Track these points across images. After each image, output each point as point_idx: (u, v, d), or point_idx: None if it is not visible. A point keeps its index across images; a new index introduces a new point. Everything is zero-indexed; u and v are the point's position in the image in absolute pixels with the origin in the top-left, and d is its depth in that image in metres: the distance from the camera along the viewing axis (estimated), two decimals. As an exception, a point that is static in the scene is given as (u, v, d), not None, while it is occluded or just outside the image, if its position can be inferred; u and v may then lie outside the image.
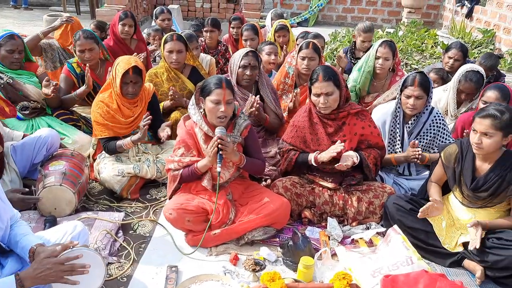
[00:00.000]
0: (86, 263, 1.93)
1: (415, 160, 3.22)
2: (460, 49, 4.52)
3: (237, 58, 3.63)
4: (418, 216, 2.78)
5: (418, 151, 3.18)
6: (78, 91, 3.90)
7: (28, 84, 3.76)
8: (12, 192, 2.72)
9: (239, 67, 3.61)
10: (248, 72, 3.61)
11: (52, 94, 3.60)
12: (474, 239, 2.58)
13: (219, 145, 2.72)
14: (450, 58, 4.53)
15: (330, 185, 3.15)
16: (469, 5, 9.10)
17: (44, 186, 2.88)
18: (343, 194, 3.13)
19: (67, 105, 3.97)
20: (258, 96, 3.57)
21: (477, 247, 2.57)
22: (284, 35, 5.41)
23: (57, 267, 1.87)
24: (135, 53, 4.60)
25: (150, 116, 3.30)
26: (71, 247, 1.97)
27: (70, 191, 2.91)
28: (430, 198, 2.85)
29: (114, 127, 3.39)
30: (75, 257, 1.91)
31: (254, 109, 3.48)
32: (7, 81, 3.65)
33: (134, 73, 3.29)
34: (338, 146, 2.97)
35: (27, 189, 2.92)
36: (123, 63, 3.31)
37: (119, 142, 3.37)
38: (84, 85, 3.83)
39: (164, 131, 3.40)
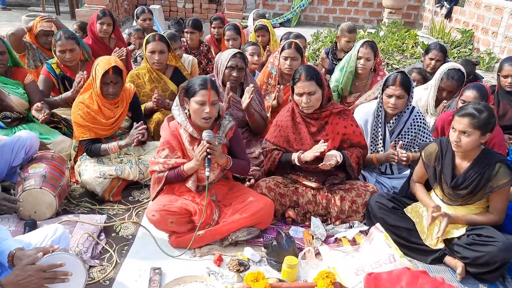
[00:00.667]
0: (69, 271, 1.91)
1: (401, 162, 3.23)
2: (440, 49, 4.58)
3: (224, 59, 3.62)
4: (427, 226, 2.78)
5: (403, 153, 3.20)
6: (64, 95, 3.82)
7: (13, 95, 3.58)
8: None
9: (226, 68, 3.60)
10: (234, 74, 3.61)
11: (40, 120, 3.45)
12: (437, 231, 2.63)
13: (208, 149, 2.71)
14: (431, 59, 4.57)
15: (313, 184, 3.16)
16: (448, 6, 9.26)
17: (23, 189, 2.83)
18: (326, 193, 3.15)
19: (50, 108, 3.89)
20: (252, 85, 3.56)
21: (439, 235, 2.63)
22: (264, 34, 5.42)
23: (39, 275, 1.85)
24: (115, 48, 4.55)
25: (144, 126, 3.25)
26: (51, 251, 1.94)
27: (50, 194, 2.86)
28: (425, 203, 2.87)
29: (95, 129, 3.34)
30: (59, 265, 1.89)
31: (252, 95, 3.46)
32: None
33: (114, 73, 3.26)
34: (321, 146, 2.99)
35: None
36: (102, 63, 3.27)
37: (104, 146, 3.33)
38: (72, 89, 3.75)
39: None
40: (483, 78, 5.47)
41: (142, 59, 4.19)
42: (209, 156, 2.74)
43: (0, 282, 1.81)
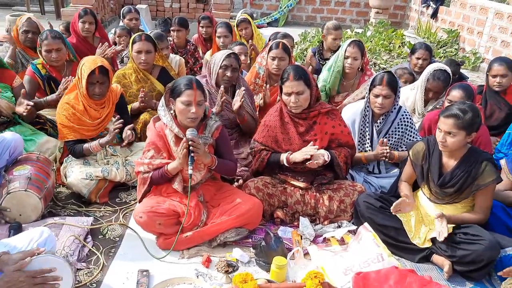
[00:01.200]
0: (59, 276, 1.90)
1: (384, 158, 3.27)
2: (426, 48, 4.63)
3: (218, 59, 3.60)
4: (391, 211, 2.82)
5: (386, 149, 3.24)
6: (49, 98, 3.76)
7: (1, 99, 3.50)
8: None
9: (220, 68, 3.58)
10: (229, 74, 3.59)
11: (25, 113, 3.41)
12: (441, 230, 2.64)
13: (191, 147, 2.69)
14: (418, 59, 4.62)
15: (301, 184, 3.16)
16: (434, 6, 9.35)
17: (8, 191, 2.78)
18: (315, 193, 3.15)
19: (35, 110, 3.83)
20: (243, 88, 3.55)
21: (445, 236, 2.62)
22: (246, 27, 5.43)
23: (30, 281, 1.83)
24: (99, 45, 4.50)
25: (121, 120, 3.23)
26: (36, 254, 1.92)
27: (35, 196, 2.82)
28: (401, 194, 2.90)
29: (80, 129, 3.31)
30: (49, 270, 1.87)
31: (242, 99, 3.47)
32: None
33: (100, 73, 3.23)
34: (311, 149, 2.99)
35: None
36: (88, 63, 3.24)
37: (86, 145, 3.29)
38: (57, 92, 3.70)
39: (125, 133, 3.31)
40: (468, 78, 5.53)
41: (129, 59, 4.16)
42: (192, 154, 2.72)
43: None
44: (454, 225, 2.75)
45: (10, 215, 2.80)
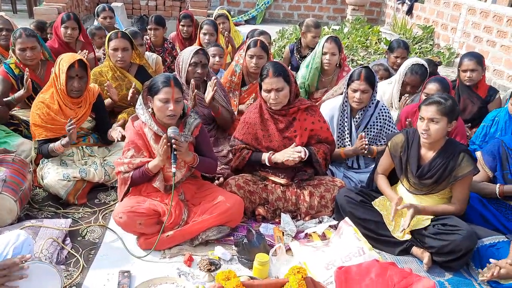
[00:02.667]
0: (25, 265, 1.87)
1: (363, 151, 3.30)
2: (404, 47, 4.75)
3: (186, 56, 3.57)
4: (391, 219, 2.82)
5: (365, 142, 3.27)
6: (16, 95, 3.67)
7: None
8: None
9: (189, 65, 3.55)
10: (199, 70, 3.57)
11: None
12: (405, 220, 2.68)
13: (174, 145, 2.67)
14: (396, 57, 4.73)
15: (282, 181, 3.17)
16: (409, 2, 9.47)
17: (-18, 194, 2.71)
18: (296, 190, 3.16)
19: (8, 109, 3.74)
20: (214, 77, 3.53)
21: (405, 227, 2.68)
22: (224, 21, 5.42)
23: None
24: (79, 51, 4.42)
25: (73, 121, 3.13)
26: (24, 261, 1.88)
27: (11, 199, 2.75)
28: (388, 195, 2.93)
29: (53, 129, 3.24)
30: (11, 264, 1.83)
31: (213, 92, 3.45)
32: None
33: (80, 67, 3.19)
34: (294, 151, 3.00)
35: None
36: (67, 57, 3.21)
37: (50, 146, 3.22)
38: (23, 88, 3.62)
39: (116, 131, 3.28)
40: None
41: (105, 58, 4.10)
42: (175, 152, 2.70)
43: None
44: (432, 217, 2.80)
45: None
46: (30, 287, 1.90)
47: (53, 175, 3.17)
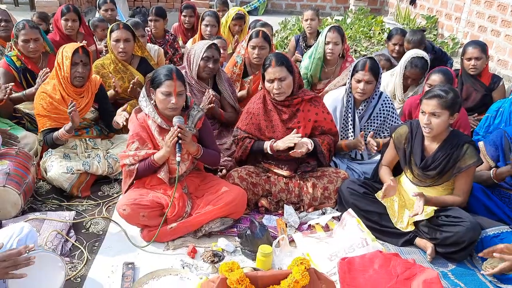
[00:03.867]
0: (30, 256, 1.87)
1: (372, 150, 3.25)
2: (401, 34, 4.79)
3: (198, 50, 3.55)
4: (380, 199, 2.85)
5: (373, 143, 3.20)
6: (28, 91, 3.65)
7: None
8: None
9: (201, 59, 3.53)
10: (210, 65, 3.56)
11: (4, 99, 3.28)
12: (416, 208, 2.68)
13: (179, 134, 2.67)
14: (394, 45, 4.80)
15: (285, 172, 3.17)
16: (412, -8, 9.37)
17: (-14, 187, 2.72)
18: (298, 181, 3.16)
19: (13, 104, 3.74)
20: (212, 91, 3.53)
21: (419, 213, 2.66)
22: (241, 24, 5.36)
23: None
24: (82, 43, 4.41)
25: (74, 103, 3.10)
26: (27, 251, 1.88)
27: (15, 192, 2.76)
28: (382, 179, 2.93)
29: (57, 118, 3.25)
30: (16, 253, 1.84)
31: (212, 105, 3.46)
32: None
33: (83, 53, 3.21)
34: (295, 137, 2.99)
35: None
36: (69, 45, 3.24)
37: (54, 134, 3.21)
38: (35, 86, 3.60)
39: (121, 117, 3.25)
40: (452, 60, 5.57)
41: (107, 51, 4.08)
42: (180, 141, 2.70)
43: None
44: (435, 208, 2.80)
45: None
46: (35, 275, 1.91)
47: (56, 168, 3.18)
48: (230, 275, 1.94)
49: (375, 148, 3.20)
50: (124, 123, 3.25)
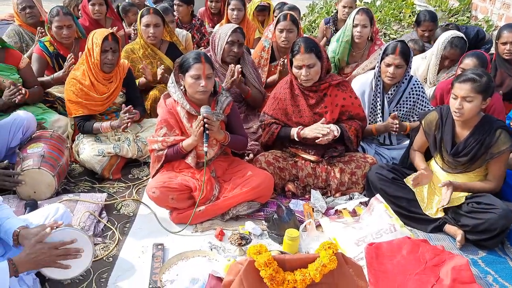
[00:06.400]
0: (81, 247, 1.94)
1: (394, 131, 3.22)
2: (430, 19, 4.64)
3: (224, 34, 3.55)
4: (411, 187, 2.81)
5: (396, 123, 3.19)
6: (55, 75, 3.75)
7: (8, 81, 3.39)
8: None
9: (226, 43, 3.53)
10: (235, 49, 3.55)
11: (19, 100, 3.29)
12: (444, 197, 2.64)
13: (206, 124, 2.69)
14: (423, 31, 4.68)
15: (312, 157, 3.16)
16: (445, -27, 9.07)
17: (22, 169, 2.81)
18: (326, 166, 3.15)
19: (43, 88, 3.83)
20: (238, 65, 3.52)
21: (444, 204, 2.64)
22: (264, 15, 5.32)
23: (51, 252, 1.87)
24: (109, 28, 4.47)
25: (134, 111, 3.20)
26: (55, 227, 1.95)
27: (49, 174, 2.85)
28: (417, 166, 2.89)
29: (88, 105, 3.32)
30: (70, 242, 1.90)
31: (236, 77, 3.43)
32: None
33: (113, 40, 3.25)
34: (323, 127, 2.97)
35: (6, 161, 2.84)
36: (100, 32, 3.28)
37: (96, 125, 3.30)
38: (63, 70, 3.69)
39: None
40: (491, 44, 5.35)
41: (136, 36, 4.12)
42: (207, 132, 2.73)
43: (13, 261, 1.82)
44: (466, 194, 2.75)
45: (24, 192, 2.84)
46: None
47: (88, 151, 3.26)
48: (258, 258, 1.96)
49: (396, 127, 3.16)
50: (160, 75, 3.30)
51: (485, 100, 2.65)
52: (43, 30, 4.09)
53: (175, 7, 5.25)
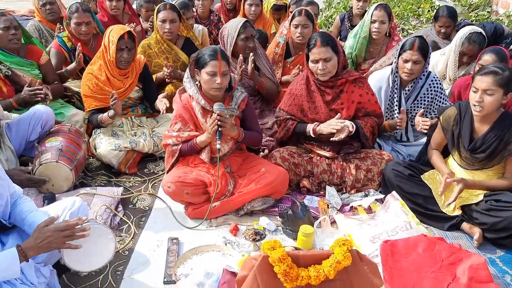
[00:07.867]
0: (86, 226, 1.96)
1: (422, 130, 3.12)
2: (448, 15, 4.55)
3: (232, 29, 3.54)
4: (439, 194, 2.76)
5: (426, 121, 3.07)
6: (69, 67, 3.81)
7: (28, 77, 3.45)
8: (18, 171, 2.75)
9: (240, 40, 3.52)
10: (251, 44, 3.54)
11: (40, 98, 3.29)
12: (453, 195, 2.61)
13: (219, 122, 2.70)
14: (440, 27, 4.60)
15: (327, 154, 3.14)
16: (465, -33, 8.90)
17: (40, 163, 2.86)
18: (341, 163, 3.13)
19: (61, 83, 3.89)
20: (251, 54, 3.49)
21: (450, 201, 2.62)
22: (279, 14, 5.30)
23: (57, 234, 1.89)
24: (127, 24, 4.50)
25: (116, 95, 3.18)
26: (81, 224, 1.98)
27: (66, 168, 2.89)
28: (440, 170, 2.86)
29: (102, 99, 3.35)
30: (74, 224, 1.92)
31: (250, 66, 3.41)
32: (6, 73, 3.33)
33: (129, 38, 3.27)
34: (338, 123, 2.95)
35: (30, 168, 2.90)
36: (116, 29, 3.30)
37: (99, 117, 3.33)
38: (75, 62, 3.74)
39: (162, 103, 3.34)
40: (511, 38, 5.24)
41: (153, 30, 4.14)
42: (220, 129, 2.73)
43: (21, 247, 1.85)
44: (485, 192, 2.70)
45: (43, 185, 2.88)
46: (87, 246, 2.00)
47: (105, 145, 3.30)
48: (272, 253, 1.96)
49: (427, 125, 3.05)
50: (164, 111, 3.32)
51: (506, 94, 2.60)
52: (61, 27, 4.14)
53: (197, 1, 5.26)
